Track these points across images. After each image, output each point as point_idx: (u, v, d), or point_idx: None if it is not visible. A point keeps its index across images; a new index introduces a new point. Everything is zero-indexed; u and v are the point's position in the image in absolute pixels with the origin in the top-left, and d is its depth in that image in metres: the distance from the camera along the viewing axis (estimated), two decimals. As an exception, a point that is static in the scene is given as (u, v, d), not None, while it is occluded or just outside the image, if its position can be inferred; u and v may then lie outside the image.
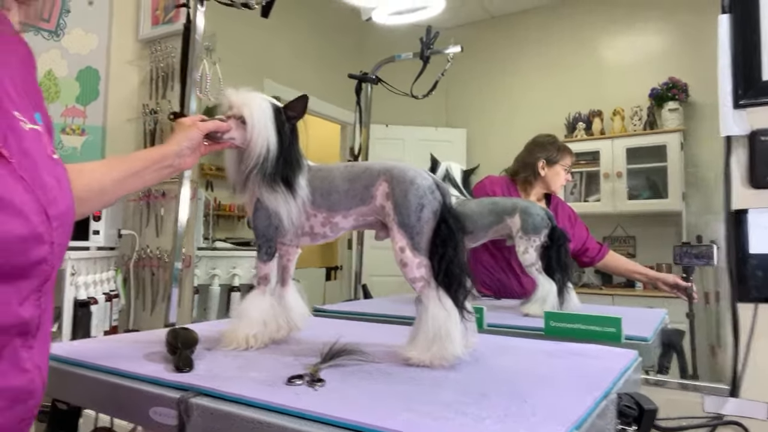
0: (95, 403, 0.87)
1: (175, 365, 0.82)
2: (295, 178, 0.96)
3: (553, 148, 1.98)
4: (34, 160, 0.63)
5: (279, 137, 0.96)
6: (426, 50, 1.86)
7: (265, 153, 0.95)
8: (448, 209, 0.91)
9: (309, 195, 0.98)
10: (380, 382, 0.75)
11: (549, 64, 4.35)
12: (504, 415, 0.60)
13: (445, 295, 0.86)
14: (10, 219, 0.58)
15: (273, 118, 0.97)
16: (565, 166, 1.98)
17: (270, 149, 0.96)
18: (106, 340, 1.09)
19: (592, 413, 0.64)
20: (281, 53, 3.68)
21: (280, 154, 0.96)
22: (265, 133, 0.96)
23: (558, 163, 1.98)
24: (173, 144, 0.96)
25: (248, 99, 0.98)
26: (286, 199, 0.96)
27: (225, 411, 0.66)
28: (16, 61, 0.69)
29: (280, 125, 0.97)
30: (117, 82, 2.58)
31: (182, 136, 0.96)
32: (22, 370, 0.60)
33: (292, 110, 0.99)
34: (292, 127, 0.99)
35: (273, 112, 0.98)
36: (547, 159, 1.97)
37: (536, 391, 0.70)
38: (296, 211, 0.97)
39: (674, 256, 1.89)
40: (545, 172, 1.96)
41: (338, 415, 0.59)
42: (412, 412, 0.61)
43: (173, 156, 0.95)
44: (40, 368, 0.63)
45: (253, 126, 0.96)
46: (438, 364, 0.83)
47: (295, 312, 1.09)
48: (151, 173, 0.94)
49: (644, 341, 1.13)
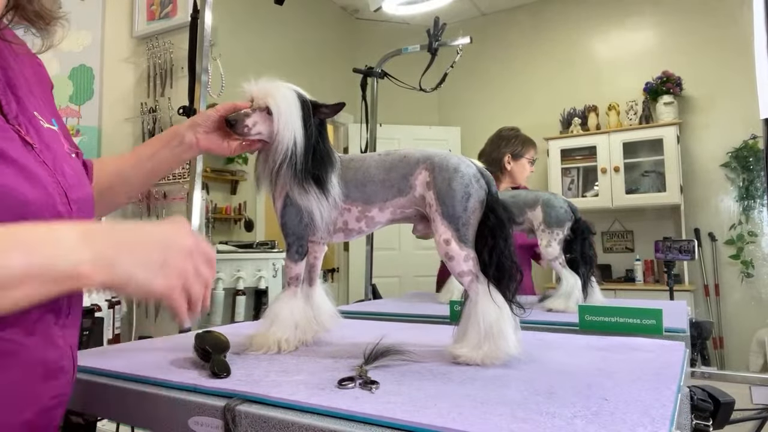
0: (120, 415, 0.81)
1: (211, 371, 0.76)
2: (327, 175, 0.91)
3: (518, 142, 2.00)
4: (54, 152, 0.66)
5: (305, 129, 0.90)
6: (434, 42, 1.82)
7: (292, 146, 0.89)
8: (495, 198, 0.86)
9: (342, 189, 0.92)
10: (438, 382, 0.70)
11: (542, 60, 4.36)
12: (592, 414, 0.55)
13: (495, 290, 0.82)
14: (38, 191, 0.58)
15: (300, 108, 0.91)
16: (530, 158, 1.99)
17: (297, 142, 0.89)
18: (124, 348, 1.02)
19: (675, 409, 0.60)
20: (273, 51, 3.62)
21: (308, 147, 0.90)
22: (293, 124, 0.90)
23: (523, 156, 1.99)
24: (187, 121, 0.96)
25: (272, 88, 0.92)
26: (318, 198, 0.90)
27: (279, 418, 0.60)
28: (34, 78, 0.73)
29: (307, 116, 0.91)
30: (112, 81, 2.50)
31: (197, 115, 0.97)
32: (55, 346, 0.62)
33: (325, 107, 0.93)
34: (320, 121, 0.94)
35: (300, 102, 0.92)
36: (512, 153, 1.99)
37: (610, 388, 0.66)
38: (328, 209, 0.91)
39: (656, 251, 1.88)
40: (511, 167, 1.98)
41: (415, 420, 0.54)
42: (493, 414, 0.56)
43: (185, 130, 0.93)
44: (71, 348, 0.66)
45: (279, 115, 0.90)
46: (490, 363, 0.79)
47: (323, 312, 1.03)
48: (166, 152, 0.93)
49: (683, 333, 1.10)
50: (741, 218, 3.51)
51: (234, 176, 3.25)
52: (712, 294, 3.58)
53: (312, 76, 3.85)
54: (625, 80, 3.97)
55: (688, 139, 3.73)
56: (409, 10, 1.94)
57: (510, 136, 2.01)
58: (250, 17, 3.21)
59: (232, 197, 3.28)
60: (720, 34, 3.51)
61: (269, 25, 3.47)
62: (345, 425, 0.56)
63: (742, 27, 2.95)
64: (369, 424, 0.56)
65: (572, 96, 4.14)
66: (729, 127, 3.54)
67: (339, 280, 4.34)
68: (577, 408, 0.58)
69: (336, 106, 0.92)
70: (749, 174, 3.50)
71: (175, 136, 0.94)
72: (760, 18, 1.05)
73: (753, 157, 3.46)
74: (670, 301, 1.77)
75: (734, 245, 3.51)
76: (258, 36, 3.35)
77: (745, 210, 3.51)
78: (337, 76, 3.47)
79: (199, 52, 1.32)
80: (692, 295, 3.47)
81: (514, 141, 2.00)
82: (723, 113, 3.59)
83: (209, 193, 2.94)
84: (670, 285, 1.96)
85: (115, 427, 0.97)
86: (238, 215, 3.29)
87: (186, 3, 2.50)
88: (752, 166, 3.48)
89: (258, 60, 3.30)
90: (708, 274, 3.60)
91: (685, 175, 3.69)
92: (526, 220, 1.52)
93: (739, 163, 3.52)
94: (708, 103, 3.70)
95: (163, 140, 0.94)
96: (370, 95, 2.00)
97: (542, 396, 0.63)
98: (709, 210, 3.63)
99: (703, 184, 3.66)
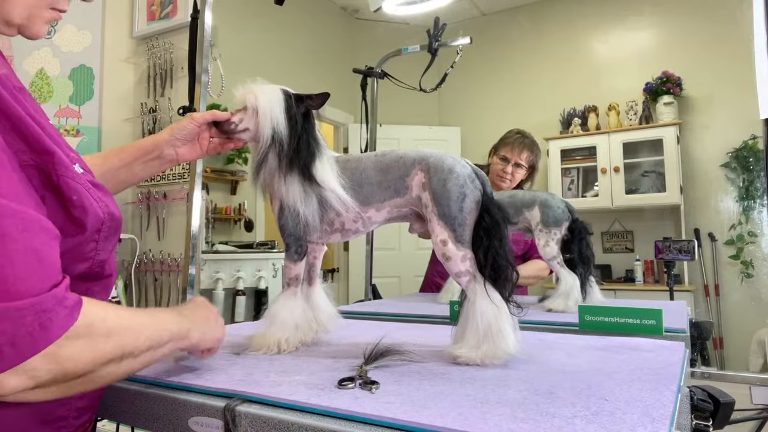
0: (120, 415, 0.81)
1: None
2: (312, 165, 0.90)
3: (501, 139, 1.98)
4: None
5: (288, 121, 0.91)
6: (434, 42, 1.82)
7: (276, 136, 0.90)
8: (489, 199, 0.86)
9: (339, 188, 0.92)
10: (439, 383, 0.70)
11: (542, 61, 4.35)
12: (591, 414, 0.55)
13: (493, 289, 0.82)
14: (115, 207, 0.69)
15: (282, 101, 0.91)
16: (501, 156, 1.93)
17: (278, 132, 0.90)
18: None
19: (675, 409, 0.60)
20: (273, 51, 3.62)
21: (292, 138, 0.90)
22: (274, 116, 0.90)
23: (496, 153, 1.96)
24: (165, 132, 0.95)
25: (254, 87, 0.94)
26: (306, 191, 0.90)
27: (279, 418, 0.60)
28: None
29: (289, 109, 0.91)
30: (112, 81, 2.50)
31: (175, 126, 0.95)
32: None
33: (310, 99, 0.93)
34: (305, 112, 0.93)
35: (282, 96, 0.92)
36: (494, 148, 1.99)
37: (610, 388, 0.66)
38: (315, 206, 0.91)
39: (656, 251, 1.87)
40: (489, 161, 1.98)
41: (415, 420, 0.54)
42: (493, 414, 0.56)
43: (164, 144, 0.94)
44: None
45: (260, 108, 0.91)
46: (489, 362, 0.79)
47: (323, 313, 1.03)
48: (140, 165, 0.94)
49: (683, 333, 1.10)
50: (741, 218, 3.51)
51: (234, 176, 3.25)
52: (712, 294, 3.58)
53: (312, 76, 3.85)
54: (625, 80, 3.97)
55: (688, 139, 3.73)
56: (409, 10, 1.94)
57: (505, 136, 1.99)
58: (250, 17, 3.21)
59: (232, 197, 3.28)
60: (720, 34, 3.51)
61: (269, 25, 3.47)
62: (345, 425, 0.56)
63: (742, 27, 2.95)
64: (369, 424, 0.56)
65: (572, 96, 4.14)
66: (729, 127, 3.53)
67: (339, 281, 4.34)
68: (577, 408, 0.58)
69: (321, 96, 0.92)
70: (749, 174, 3.50)
71: (154, 149, 0.94)
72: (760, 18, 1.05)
73: (753, 158, 3.46)
74: (670, 301, 1.76)
75: (734, 245, 3.51)
76: (258, 36, 3.35)
77: (745, 210, 3.51)
78: (337, 76, 3.47)
79: (199, 52, 1.32)
80: (692, 295, 3.47)
81: (502, 139, 1.98)
82: (723, 113, 3.59)
83: (209, 193, 2.93)
84: (670, 285, 1.96)
85: (115, 427, 0.97)
86: (238, 215, 3.29)
87: (186, 3, 2.50)
88: (752, 167, 3.48)
89: (258, 60, 3.30)
90: (708, 274, 3.60)
91: (685, 176, 3.69)
92: (523, 220, 1.52)
93: (739, 164, 3.52)
94: (708, 103, 3.70)
95: (141, 151, 0.94)
96: (370, 95, 2.00)
97: (542, 396, 0.63)
98: (709, 210, 3.63)
99: (703, 185, 3.66)
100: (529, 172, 1.96)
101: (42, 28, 0.67)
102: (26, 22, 0.64)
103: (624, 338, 0.99)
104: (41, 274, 0.49)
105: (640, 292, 3.63)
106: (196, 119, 0.95)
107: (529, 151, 1.93)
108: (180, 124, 0.95)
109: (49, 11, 0.67)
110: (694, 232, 3.62)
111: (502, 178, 1.92)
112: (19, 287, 0.47)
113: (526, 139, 1.95)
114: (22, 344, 0.46)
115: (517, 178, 1.93)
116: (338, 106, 4.13)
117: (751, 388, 1.06)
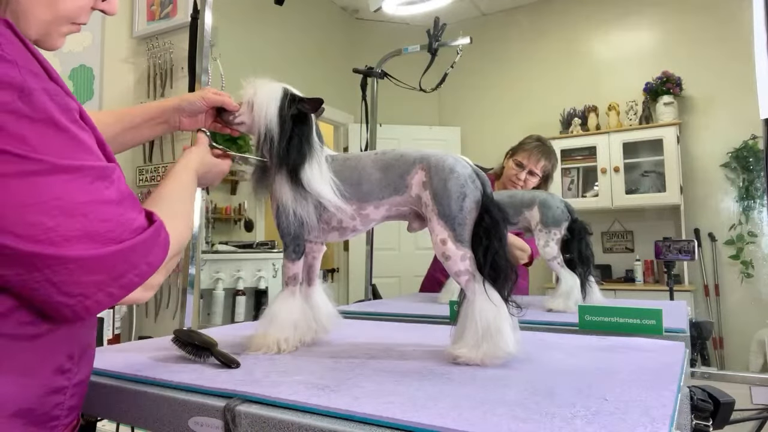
0: (120, 415, 0.81)
1: (221, 362, 0.77)
2: (300, 168, 0.90)
3: (520, 144, 1.94)
4: None
5: (279, 120, 0.91)
6: (434, 42, 1.82)
7: (265, 132, 0.91)
8: (489, 199, 0.86)
9: (334, 187, 0.92)
10: (439, 383, 0.70)
11: (542, 61, 4.35)
12: (591, 414, 0.55)
13: (492, 289, 0.82)
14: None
15: (278, 100, 0.92)
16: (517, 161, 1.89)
17: (270, 130, 0.91)
18: (124, 348, 1.02)
19: (675, 409, 0.60)
20: (273, 51, 3.62)
21: (282, 139, 0.91)
22: (268, 115, 0.91)
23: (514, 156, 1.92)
24: (173, 101, 0.97)
25: (259, 84, 0.95)
26: (296, 191, 0.90)
27: (279, 418, 0.60)
28: None
29: (282, 108, 0.92)
30: (112, 81, 2.50)
31: (185, 98, 0.97)
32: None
33: (303, 102, 0.93)
34: (300, 114, 0.93)
35: (281, 95, 0.93)
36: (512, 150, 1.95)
37: (610, 388, 0.66)
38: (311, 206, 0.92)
39: (657, 251, 1.87)
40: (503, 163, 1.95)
41: (415, 420, 0.54)
42: (493, 414, 0.56)
43: (171, 110, 0.96)
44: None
45: (255, 105, 0.92)
46: (489, 362, 0.79)
47: (323, 313, 1.03)
48: (148, 128, 0.96)
49: (683, 333, 1.10)
50: (741, 218, 3.51)
51: (234, 176, 3.24)
52: (712, 294, 3.58)
53: (312, 76, 3.85)
54: (625, 80, 3.97)
55: (688, 139, 3.73)
56: (409, 10, 1.94)
57: (524, 141, 1.96)
58: (250, 17, 3.21)
59: (232, 197, 3.28)
60: (720, 34, 3.50)
61: (269, 25, 3.47)
62: (345, 425, 0.56)
63: (742, 27, 2.95)
64: (369, 424, 0.56)
65: (572, 96, 4.14)
66: (729, 127, 3.53)
67: (339, 281, 4.34)
68: (577, 408, 0.58)
69: (313, 101, 0.93)
70: (749, 174, 3.50)
71: (161, 114, 0.96)
72: (760, 18, 1.05)
73: (753, 158, 3.45)
74: (670, 301, 1.77)
75: (734, 245, 3.51)
76: (258, 36, 3.35)
77: (745, 210, 3.51)
78: (337, 76, 3.47)
79: (199, 52, 1.32)
80: (692, 295, 3.47)
81: (521, 144, 1.95)
82: (723, 113, 3.59)
83: (209, 193, 2.93)
84: (670, 285, 1.95)
85: (115, 427, 0.97)
86: (238, 215, 3.28)
87: (186, 3, 2.50)
88: (752, 167, 3.48)
89: (258, 60, 3.29)
90: (708, 274, 3.60)
91: (685, 176, 3.69)
92: (523, 220, 1.52)
93: (739, 164, 3.51)
94: (708, 103, 3.70)
95: (149, 114, 0.96)
96: (370, 95, 2.00)
97: (542, 396, 0.63)
98: (709, 210, 3.63)
99: (702, 185, 3.65)
100: (543, 180, 1.92)
101: (60, 41, 0.67)
102: (44, 37, 0.65)
103: (624, 338, 0.99)
104: (139, 208, 0.61)
105: (640, 292, 3.63)
106: (208, 101, 0.97)
107: (546, 160, 1.88)
108: (191, 98, 0.97)
109: (68, 25, 0.66)
110: (694, 232, 3.62)
111: (514, 183, 1.88)
112: (133, 225, 0.59)
113: (545, 147, 1.90)
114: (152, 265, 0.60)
115: (530, 185, 1.88)
116: (338, 106, 4.12)
117: (751, 388, 1.06)
